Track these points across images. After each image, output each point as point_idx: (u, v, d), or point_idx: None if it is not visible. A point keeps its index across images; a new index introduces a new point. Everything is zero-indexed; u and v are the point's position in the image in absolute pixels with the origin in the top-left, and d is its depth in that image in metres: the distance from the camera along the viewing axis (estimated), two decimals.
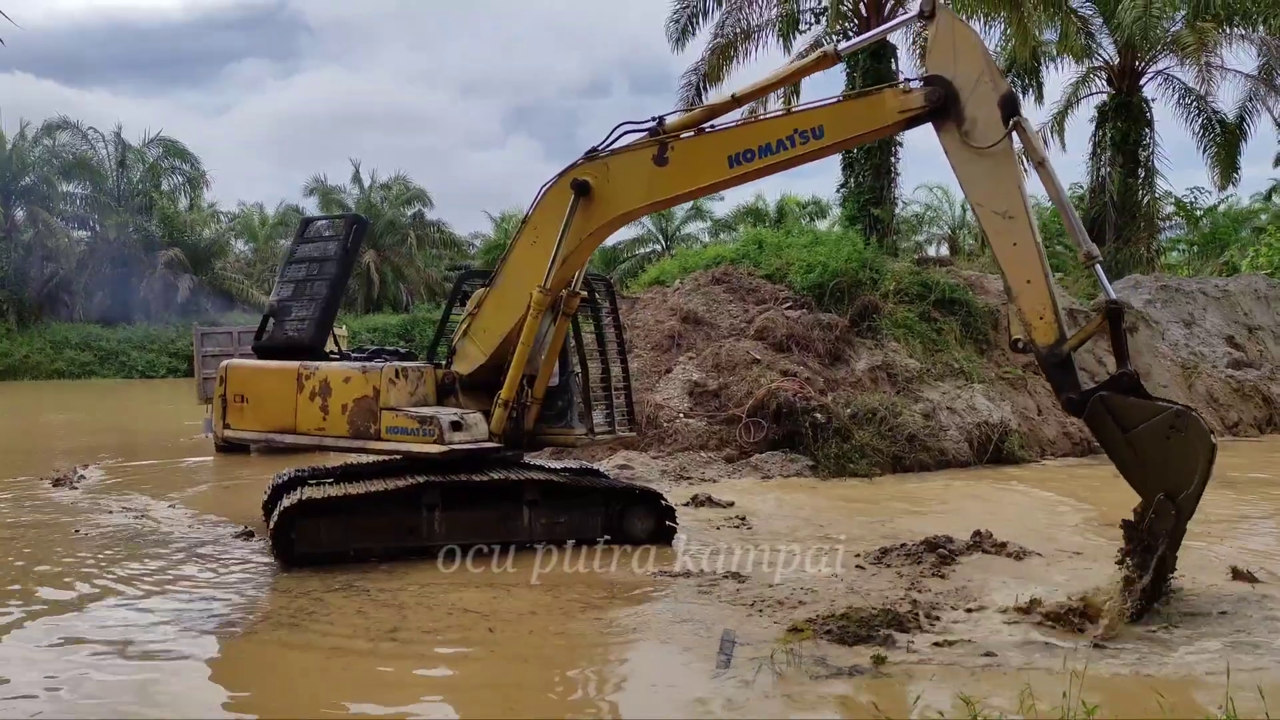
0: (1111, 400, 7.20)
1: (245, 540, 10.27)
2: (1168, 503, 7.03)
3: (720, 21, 27.16)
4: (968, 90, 7.70)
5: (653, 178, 8.79)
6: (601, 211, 9.08)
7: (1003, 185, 7.63)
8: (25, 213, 50.30)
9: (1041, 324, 7.43)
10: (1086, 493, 13.96)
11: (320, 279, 10.35)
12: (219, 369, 10.49)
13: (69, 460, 16.49)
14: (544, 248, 9.28)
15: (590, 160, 9.08)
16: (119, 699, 5.88)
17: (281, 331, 10.35)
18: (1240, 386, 21.84)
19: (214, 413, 10.49)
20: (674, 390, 16.05)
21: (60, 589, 8.36)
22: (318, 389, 9.72)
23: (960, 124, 7.71)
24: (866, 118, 8.32)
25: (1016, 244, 7.57)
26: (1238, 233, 43.89)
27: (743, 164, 8.42)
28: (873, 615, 7.07)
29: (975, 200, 7.82)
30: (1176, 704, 5.52)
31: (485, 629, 7.13)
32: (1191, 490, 7.01)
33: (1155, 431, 7.05)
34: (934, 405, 16.28)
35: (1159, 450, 7.05)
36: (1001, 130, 7.56)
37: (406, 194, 61.52)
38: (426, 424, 9.29)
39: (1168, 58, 30.39)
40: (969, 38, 7.93)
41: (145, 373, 47.52)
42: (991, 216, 7.66)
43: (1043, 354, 7.50)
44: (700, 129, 8.72)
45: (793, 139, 8.25)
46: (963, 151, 7.74)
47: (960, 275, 20.19)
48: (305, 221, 11.48)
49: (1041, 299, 7.47)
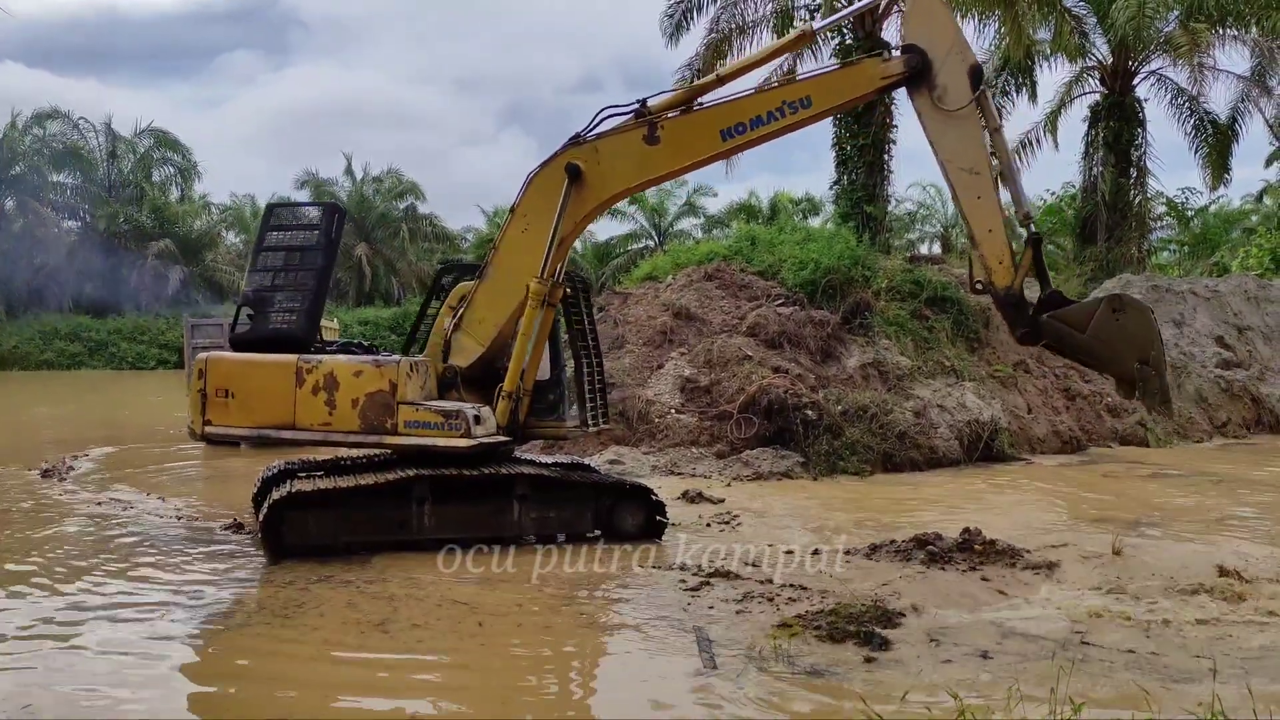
0: (1058, 314, 8.24)
1: (235, 532, 10.24)
2: (1146, 367, 8.04)
3: (715, 17, 27.11)
4: (940, 59, 8.61)
5: (644, 157, 9.09)
6: (595, 194, 9.29)
7: (969, 145, 8.56)
8: (15, 202, 50.03)
9: (1000, 268, 8.40)
10: (1074, 490, 14.02)
11: (304, 269, 9.92)
12: (196, 362, 9.85)
13: (58, 451, 16.43)
14: (535, 234, 9.36)
15: (576, 145, 9.20)
16: (105, 690, 5.86)
17: (265, 323, 9.87)
18: (1229, 386, 21.93)
19: (191, 408, 9.81)
20: (665, 386, 16.05)
21: (46, 580, 8.32)
22: (322, 383, 9.38)
23: (933, 90, 8.60)
24: (850, 85, 9.06)
25: (980, 197, 8.51)
26: (1228, 233, 44.06)
27: (735, 136, 8.91)
28: (862, 611, 7.09)
29: (944, 158, 8.62)
30: (1167, 703, 5.54)
31: (474, 622, 7.13)
32: (1156, 349, 8.09)
33: (1105, 319, 8.05)
34: (925, 403, 16.31)
35: (1117, 331, 8.05)
36: (969, 96, 8.52)
37: (399, 187, 61.37)
38: (453, 418, 9.26)
39: (1161, 58, 30.45)
40: (943, 12, 8.83)
41: (135, 364, 47.35)
42: (959, 173, 8.56)
43: (1000, 294, 8.46)
44: (689, 108, 9.03)
45: (782, 110, 8.83)
46: (935, 114, 8.63)
47: (952, 273, 20.21)
48: (271, 207, 10.86)
49: (1001, 246, 8.46)
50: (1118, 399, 19.62)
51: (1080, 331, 8.17)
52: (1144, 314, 8.18)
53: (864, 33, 26.07)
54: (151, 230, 52.26)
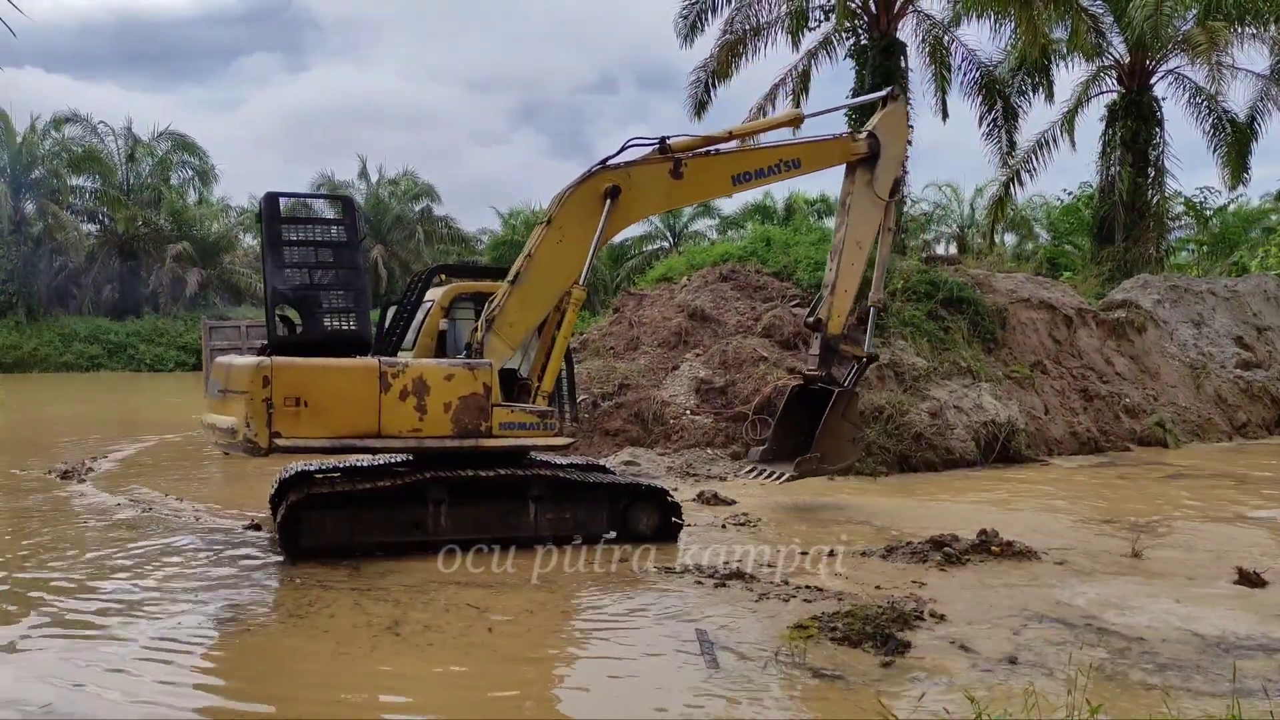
0: (852, 397, 11.74)
1: (252, 533, 10.30)
2: (814, 458, 11.41)
3: (730, 18, 27.05)
4: (886, 158, 11.48)
5: (670, 188, 10.45)
6: (625, 215, 10.35)
7: (868, 226, 11.57)
8: (35, 206, 50.40)
9: (836, 319, 11.45)
10: (1092, 492, 13.94)
11: (343, 267, 9.49)
12: (258, 368, 8.76)
13: (77, 452, 16.55)
14: (570, 245, 9.90)
15: (609, 169, 10.07)
16: (123, 689, 5.89)
17: (317, 325, 9.30)
18: (1249, 387, 21.77)
19: (251, 418, 8.69)
20: (680, 387, 16.05)
21: (66, 580, 8.38)
22: (411, 387, 9.05)
23: (871, 174, 11.45)
24: (829, 155, 11.68)
25: (853, 264, 11.50)
26: (1247, 233, 43.64)
27: (742, 182, 10.98)
28: (878, 613, 7.05)
29: (850, 224, 11.45)
30: (1180, 702, 5.51)
31: (485, 627, 7.11)
32: (840, 459, 11.81)
33: (844, 428, 11.65)
34: (941, 404, 16.25)
35: (839, 432, 11.54)
36: (887, 197, 11.58)
37: (414, 189, 61.56)
38: (546, 418, 9.54)
39: (1178, 57, 30.17)
40: (905, 125, 11.91)
41: (153, 366, 47.69)
42: (851, 240, 11.48)
43: (827, 338, 11.46)
44: (706, 151, 10.64)
45: (779, 166, 11.04)
46: (863, 191, 11.49)
47: (968, 274, 20.14)
48: (274, 197, 9.65)
49: (846, 305, 11.52)
50: (1136, 400, 19.55)
51: (839, 413, 11.35)
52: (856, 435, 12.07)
53: (879, 33, 26.05)
54: (169, 233, 52.61)
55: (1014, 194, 33.67)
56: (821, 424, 11.40)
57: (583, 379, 15.58)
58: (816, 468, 11.58)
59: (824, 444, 11.44)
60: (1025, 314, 19.74)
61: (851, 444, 11.83)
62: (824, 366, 11.50)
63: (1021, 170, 31.40)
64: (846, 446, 11.72)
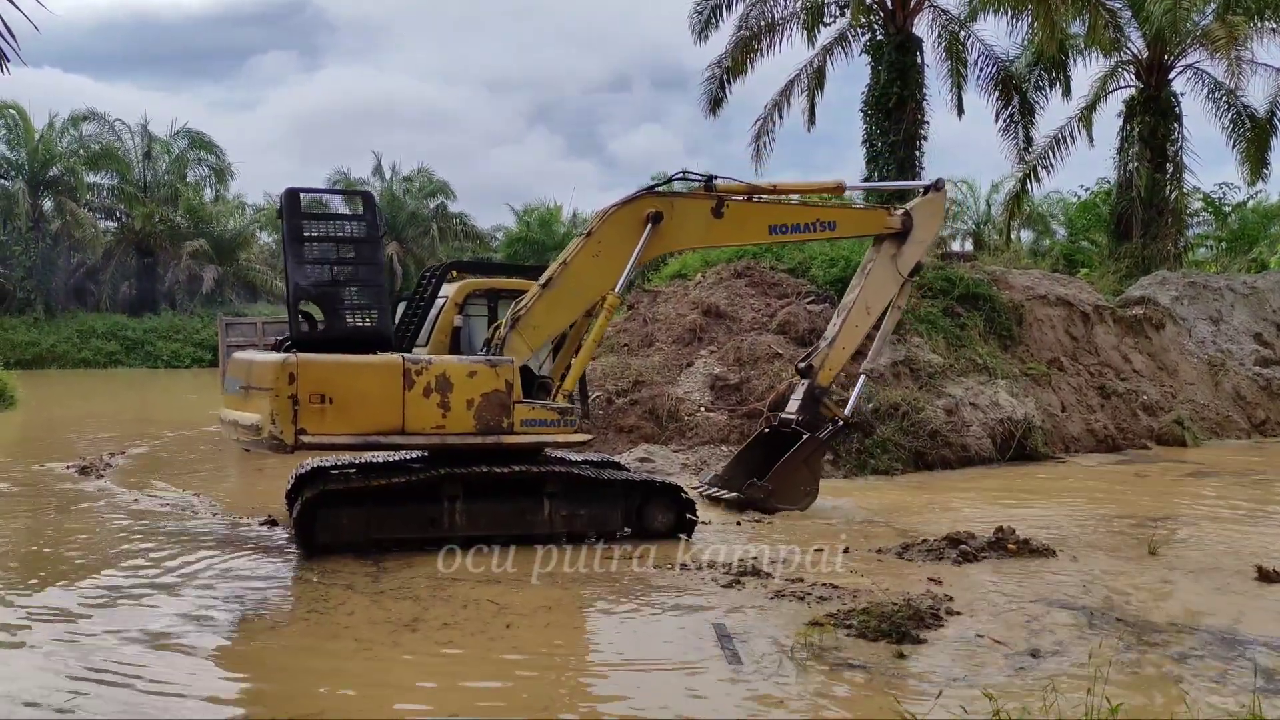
0: (820, 447, 11.57)
1: (268, 529, 10.34)
2: (764, 486, 11.26)
3: (744, 14, 26.99)
4: (916, 239, 11.62)
5: (710, 226, 10.58)
6: (662, 243, 10.55)
7: (882, 296, 11.65)
8: (53, 203, 50.72)
9: (828, 373, 11.48)
10: (1109, 489, 13.87)
11: (364, 263, 9.41)
12: (283, 365, 8.75)
13: (95, 448, 16.66)
14: (605, 260, 10.09)
15: (656, 194, 10.43)
16: (140, 687, 5.91)
17: (340, 321, 9.21)
18: (1268, 384, 21.61)
19: (277, 415, 8.70)
20: (695, 384, 16.03)
21: (83, 576, 8.43)
22: (434, 384, 9.06)
23: (897, 251, 11.55)
24: (865, 224, 12.09)
25: (858, 327, 11.59)
26: (1267, 229, 43.29)
27: (779, 234, 11.24)
28: (894, 610, 7.03)
29: (865, 288, 11.55)
30: (1199, 701, 5.48)
31: (503, 624, 7.12)
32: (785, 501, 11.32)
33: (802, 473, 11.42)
34: (957, 401, 16.19)
35: (795, 476, 11.34)
36: (907, 276, 11.70)
37: (429, 187, 61.64)
38: (567, 414, 9.60)
39: (1197, 51, 29.90)
40: (940, 215, 12.14)
41: (170, 363, 47.92)
42: (862, 304, 11.54)
43: (816, 388, 11.40)
44: (748, 197, 10.84)
45: (815, 225, 11.29)
46: (886, 263, 11.58)
47: (984, 271, 20.07)
48: (294, 193, 9.49)
49: (842, 362, 11.68)
50: (1153, 397, 19.43)
51: (802, 457, 11.27)
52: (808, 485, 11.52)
53: (895, 29, 25.98)
54: (186, 230, 52.81)
55: (1031, 190, 33.50)
56: (782, 460, 11.27)
57: (597, 375, 15.59)
58: (763, 498, 11.22)
59: (777, 479, 11.25)
60: (1042, 311, 19.65)
61: (802, 493, 11.36)
62: (804, 412, 11.37)
63: (1038, 166, 31.20)
64: (796, 492, 11.33)
